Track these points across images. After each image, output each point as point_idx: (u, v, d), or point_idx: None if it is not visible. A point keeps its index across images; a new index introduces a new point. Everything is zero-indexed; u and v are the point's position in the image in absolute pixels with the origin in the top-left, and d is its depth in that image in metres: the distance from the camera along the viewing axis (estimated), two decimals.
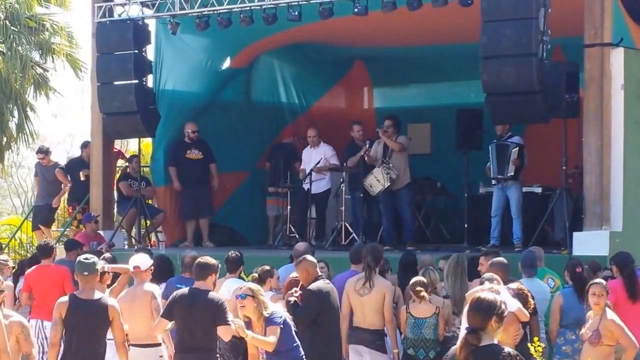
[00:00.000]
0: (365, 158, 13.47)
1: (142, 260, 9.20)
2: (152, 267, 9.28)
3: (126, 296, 9.10)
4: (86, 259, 8.28)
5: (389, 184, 13.21)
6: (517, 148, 12.60)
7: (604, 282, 8.66)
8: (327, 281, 9.14)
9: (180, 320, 7.97)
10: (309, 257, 9.20)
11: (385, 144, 13.45)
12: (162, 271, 10.25)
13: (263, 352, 8.31)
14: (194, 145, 14.74)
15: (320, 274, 9.07)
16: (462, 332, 7.78)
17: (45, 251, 11.21)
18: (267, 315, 7.96)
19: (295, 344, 8.14)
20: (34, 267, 11.19)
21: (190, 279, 9.16)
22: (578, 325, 9.09)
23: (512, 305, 8.01)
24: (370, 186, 13.34)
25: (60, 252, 12.53)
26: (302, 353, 8.21)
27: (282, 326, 7.97)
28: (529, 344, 7.73)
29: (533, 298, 8.43)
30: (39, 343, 10.42)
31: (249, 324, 7.99)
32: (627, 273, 9.22)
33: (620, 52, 11.50)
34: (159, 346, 8.89)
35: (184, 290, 8.15)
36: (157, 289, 9.30)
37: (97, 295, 8.14)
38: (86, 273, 8.09)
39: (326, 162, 14.37)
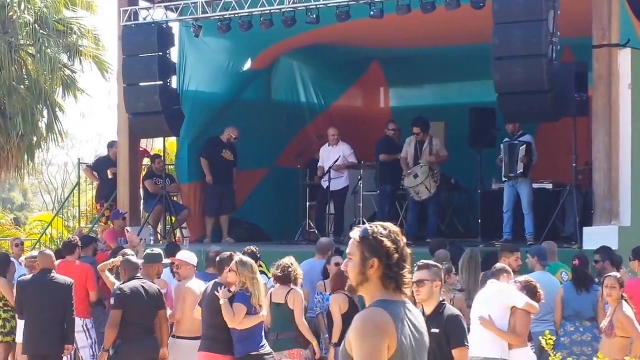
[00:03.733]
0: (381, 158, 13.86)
1: (184, 256, 9.69)
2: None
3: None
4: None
5: (435, 191, 13.60)
6: (525, 146, 12.64)
7: (618, 274, 8.77)
8: None
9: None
10: None
11: (416, 146, 13.71)
12: None
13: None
14: (228, 147, 14.81)
15: None
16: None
17: (70, 248, 11.29)
18: (236, 292, 8.57)
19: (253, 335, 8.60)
20: (59, 261, 11.09)
21: (214, 274, 9.43)
22: (578, 318, 9.25)
23: (520, 301, 8.21)
24: (418, 193, 13.57)
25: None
26: (260, 345, 8.63)
27: (245, 306, 8.48)
28: (540, 337, 7.79)
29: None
30: None
31: None
32: None
33: (627, 52, 11.61)
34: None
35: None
36: (167, 285, 9.66)
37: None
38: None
39: (344, 160, 14.38)
